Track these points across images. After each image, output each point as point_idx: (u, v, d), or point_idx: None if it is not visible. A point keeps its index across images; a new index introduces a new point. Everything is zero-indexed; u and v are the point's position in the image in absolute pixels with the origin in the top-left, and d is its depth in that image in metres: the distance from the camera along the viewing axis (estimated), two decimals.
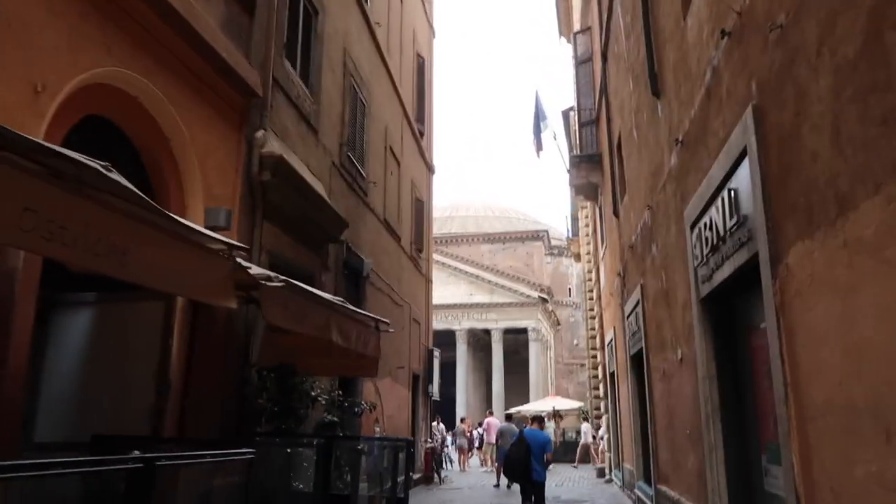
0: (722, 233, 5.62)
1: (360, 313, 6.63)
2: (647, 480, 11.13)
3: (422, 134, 17.53)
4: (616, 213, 12.92)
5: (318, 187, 9.21)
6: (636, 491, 11.77)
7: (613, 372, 15.37)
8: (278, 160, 7.29)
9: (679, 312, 7.74)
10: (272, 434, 6.98)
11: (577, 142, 17.35)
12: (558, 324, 59.20)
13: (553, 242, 62.16)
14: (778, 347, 4.37)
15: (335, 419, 9.02)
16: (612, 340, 15.44)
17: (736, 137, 5.13)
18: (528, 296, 51.58)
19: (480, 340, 53.63)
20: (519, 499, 13.88)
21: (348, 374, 8.73)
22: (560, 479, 18.14)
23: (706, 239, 6.21)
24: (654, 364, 9.67)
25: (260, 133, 7.23)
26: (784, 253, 4.27)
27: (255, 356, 6.97)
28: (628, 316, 12.14)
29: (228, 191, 6.74)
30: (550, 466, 20.80)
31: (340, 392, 9.41)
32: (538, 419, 10.40)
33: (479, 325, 51.69)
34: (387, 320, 7.20)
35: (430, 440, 17.10)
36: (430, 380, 17.20)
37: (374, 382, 12.31)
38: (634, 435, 12.04)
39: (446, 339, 50.83)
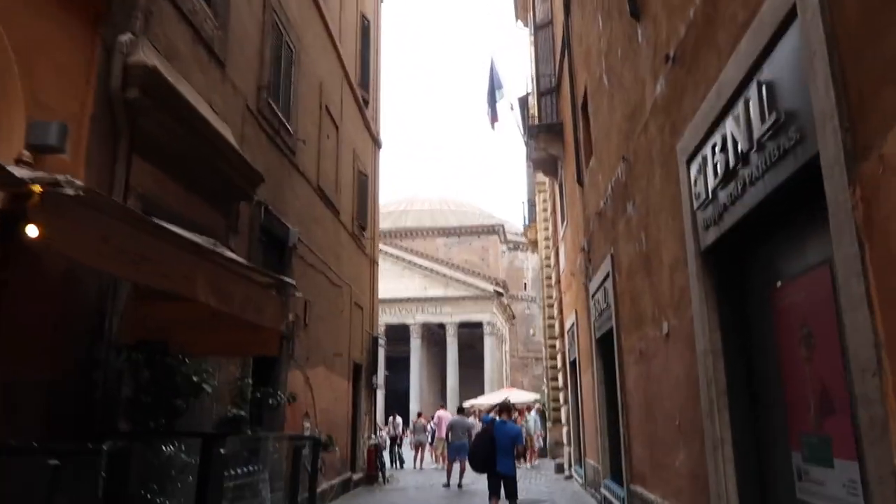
0: (745, 148, 3.99)
1: (252, 268, 4.81)
2: (617, 479, 9.56)
3: (366, 102, 15.71)
4: (580, 182, 11.34)
5: (224, 130, 7.35)
6: (602, 490, 10.21)
7: (575, 360, 13.84)
8: (151, 74, 5.42)
9: (665, 277, 6.14)
10: (138, 434, 5.14)
11: (536, 112, 15.76)
12: (513, 318, 58.01)
13: (509, 237, 61.00)
14: (861, 289, 2.75)
15: (242, 413, 7.19)
16: (573, 326, 13.90)
17: (773, 3, 3.51)
18: (484, 289, 50.26)
19: (435, 335, 52.08)
20: (468, 499, 12.28)
21: (242, 354, 6.88)
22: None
23: (714, 168, 4.60)
24: (628, 345, 8.10)
25: (126, 37, 5.36)
26: (874, 142, 2.66)
27: (115, 330, 5.09)
28: (594, 294, 10.57)
29: (72, 104, 4.85)
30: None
31: (251, 381, 7.57)
32: (506, 409, 9.17)
33: (434, 319, 50.19)
34: (292, 281, 5.40)
35: (373, 436, 15.30)
36: (374, 370, 15.40)
37: (304, 371, 10.47)
38: (600, 428, 10.48)
39: (401, 334, 49.21)
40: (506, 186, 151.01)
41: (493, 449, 8.28)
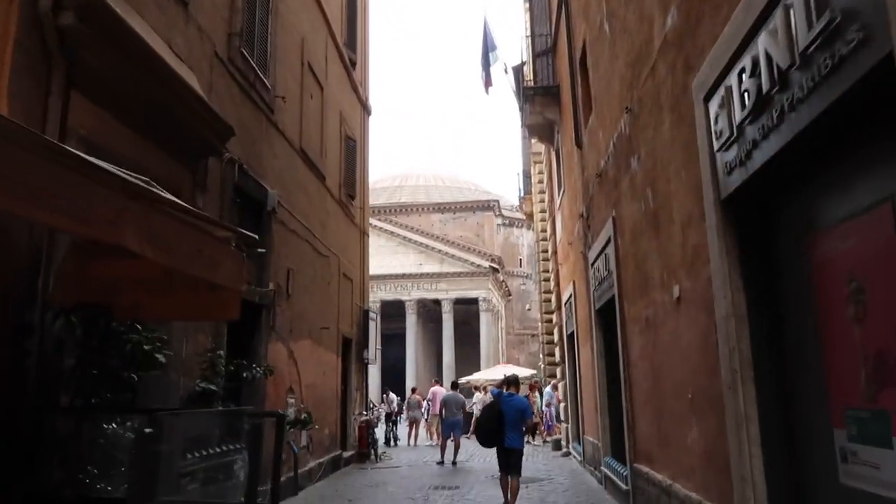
0: (785, 65, 3.30)
1: (203, 216, 4.11)
2: (619, 457, 8.99)
3: (353, 64, 14.89)
4: (578, 143, 10.62)
5: (187, 75, 6.62)
6: (603, 469, 9.64)
7: (573, 333, 13.23)
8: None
9: (676, 235, 5.47)
10: (76, 410, 4.48)
11: (532, 76, 14.98)
12: (509, 294, 57.47)
13: (504, 213, 60.22)
14: None
15: (212, 388, 6.54)
16: (570, 298, 13.28)
17: None
18: (479, 265, 49.64)
19: (431, 311, 51.52)
20: (463, 477, 11.74)
21: (199, 318, 6.14)
22: None
23: (741, 99, 3.91)
24: (632, 313, 7.46)
25: None
26: None
27: (51, 291, 4.42)
28: (594, 263, 9.91)
29: None
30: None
31: (223, 353, 6.91)
32: (513, 382, 8.70)
33: (430, 296, 49.59)
34: (254, 235, 4.71)
35: (365, 413, 14.71)
36: (365, 344, 14.77)
37: (287, 344, 9.82)
38: (600, 403, 9.88)
39: (396, 310, 48.67)
40: (501, 162, 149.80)
41: (499, 423, 7.89)
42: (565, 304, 14.36)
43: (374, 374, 46.20)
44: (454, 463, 13.37)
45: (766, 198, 4.05)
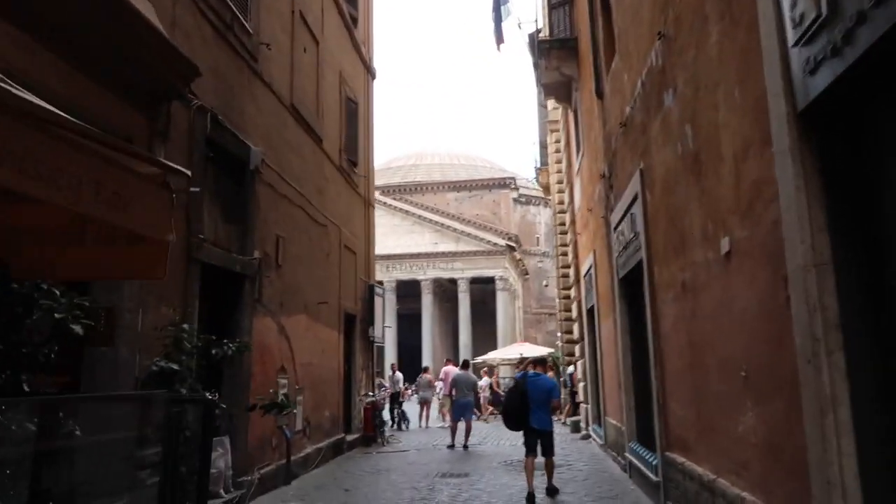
0: None
1: (106, 139, 3.08)
2: (647, 443, 7.94)
3: (354, 21, 13.75)
4: (599, 94, 9.46)
5: (142, 6, 5.58)
6: (627, 455, 8.60)
7: (593, 307, 12.15)
8: None
9: (727, 173, 4.36)
10: None
11: (548, 30, 13.75)
12: (526, 273, 56.33)
13: (521, 191, 58.88)
14: None
15: (174, 367, 5.57)
16: (590, 269, 12.18)
17: None
18: (496, 244, 48.55)
19: (447, 290, 50.62)
20: (474, 462, 10.78)
21: (115, 276, 4.96)
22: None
23: None
24: (664, 278, 6.36)
25: None
26: None
27: None
28: (616, 226, 8.80)
29: None
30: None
31: (189, 327, 5.92)
32: (540, 362, 8.67)
33: (445, 275, 48.62)
34: (187, 171, 3.68)
35: (371, 394, 13.77)
36: (370, 321, 13.80)
37: (277, 319, 8.85)
38: (624, 382, 8.81)
39: (411, 290, 47.84)
40: (517, 140, 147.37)
41: (524, 404, 7.66)
42: (584, 276, 13.26)
43: (389, 353, 45.63)
44: (465, 447, 12.41)
45: (868, 100, 2.94)
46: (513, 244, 49.52)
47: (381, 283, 45.05)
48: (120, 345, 5.35)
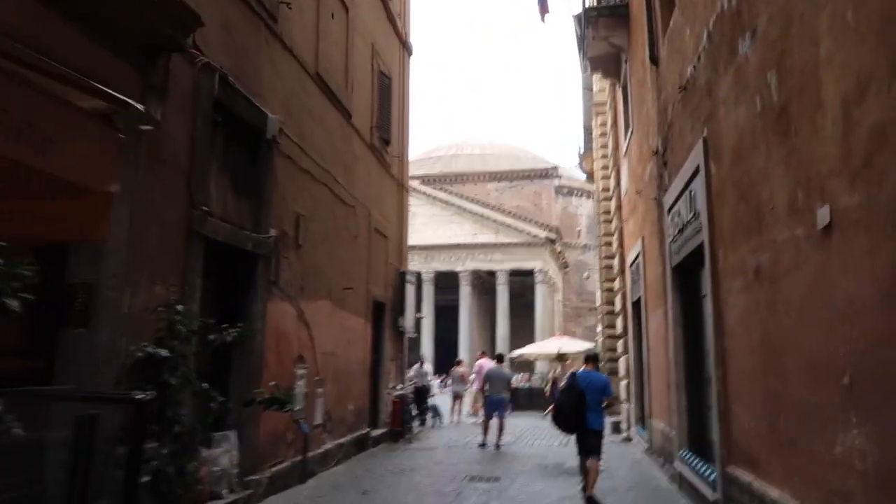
0: None
1: (44, 64, 2.31)
2: (701, 452, 7.00)
3: None
4: (654, 60, 8.48)
5: None
6: (677, 465, 7.65)
7: (640, 299, 11.16)
8: None
9: (829, 124, 3.43)
10: None
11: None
12: (566, 266, 55.04)
13: (563, 182, 57.51)
14: None
15: (162, 353, 4.89)
16: (637, 258, 11.19)
17: None
18: (535, 236, 47.41)
19: (485, 283, 49.74)
20: (507, 464, 9.96)
21: (50, 237, 4.08)
22: (562, 435, 14.10)
23: None
24: (730, 264, 5.41)
25: None
26: None
27: None
28: (671, 207, 7.83)
29: None
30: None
31: (180, 308, 5.22)
32: (593, 358, 8.08)
33: (484, 267, 47.72)
34: (139, 105, 2.92)
35: (400, 386, 13.04)
36: (401, 311, 13.05)
37: (296, 304, 8.15)
38: (677, 381, 7.85)
39: (449, 282, 47.10)
40: (560, 131, 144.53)
41: (581, 405, 7.19)
42: (630, 266, 12.26)
43: (426, 345, 45.01)
44: (497, 446, 11.58)
45: None
46: (553, 236, 48.29)
47: (417, 273, 44.54)
48: (101, 326, 4.67)
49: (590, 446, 7.23)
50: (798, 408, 4.04)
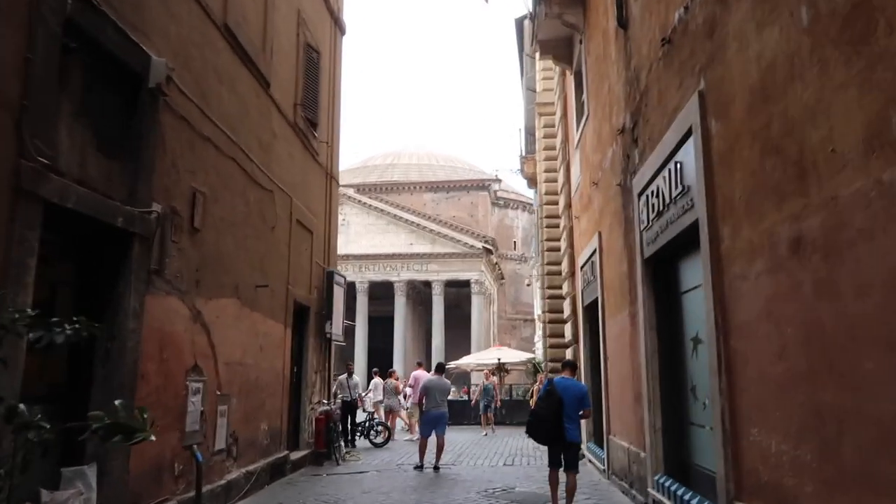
0: None
1: None
2: (685, 479, 5.74)
3: None
4: (623, 22, 7.28)
5: None
6: (653, 492, 6.34)
7: (595, 302, 9.95)
8: None
9: None
10: None
11: None
12: (502, 277, 54.36)
13: (499, 194, 56.91)
14: None
15: None
16: (591, 257, 10.00)
17: None
18: (472, 246, 46.47)
19: (421, 293, 48.41)
20: (447, 491, 8.52)
21: None
22: (508, 451, 12.79)
23: None
24: (744, 242, 4.14)
25: None
26: None
27: None
28: (644, 189, 6.60)
29: None
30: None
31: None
32: (570, 365, 7.52)
33: (420, 277, 46.42)
34: None
35: (325, 402, 11.38)
36: (328, 315, 11.43)
37: (190, 301, 6.48)
38: (649, 395, 6.57)
39: (385, 292, 45.52)
40: (498, 144, 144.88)
41: (560, 414, 6.75)
42: (583, 267, 11.06)
43: (360, 357, 43.11)
44: (436, 468, 10.10)
45: None
46: (490, 247, 47.44)
47: (351, 282, 42.77)
48: None
49: (568, 459, 6.84)
50: (880, 428, 2.76)
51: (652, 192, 6.29)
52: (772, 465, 3.81)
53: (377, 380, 16.67)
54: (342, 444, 11.43)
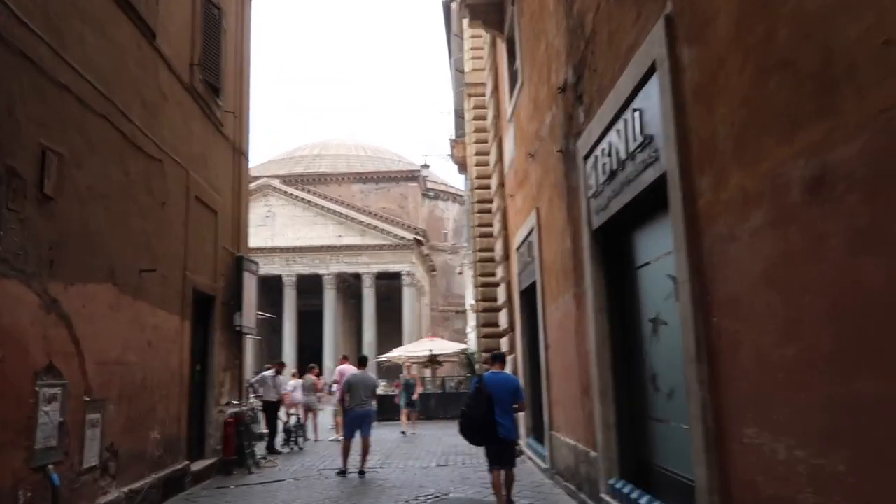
0: None
1: None
2: (642, 484, 4.86)
3: None
4: None
5: None
6: (608, 498, 5.45)
7: (531, 287, 9.07)
8: None
9: None
10: None
11: None
12: (434, 269, 53.42)
13: (429, 185, 55.90)
14: None
15: None
16: (529, 236, 9.11)
17: None
18: (403, 238, 45.37)
19: (351, 286, 46.89)
20: (373, 500, 7.47)
21: None
22: (441, 450, 11.82)
23: None
24: (736, 188, 3.24)
25: None
26: None
27: None
28: (592, 150, 5.68)
29: None
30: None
31: None
32: (499, 358, 7.00)
33: (350, 269, 45.02)
34: None
35: (235, 403, 10.05)
36: (238, 305, 10.10)
37: (42, 286, 5.13)
38: (599, 386, 5.67)
39: (313, 286, 43.81)
40: (427, 134, 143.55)
41: (490, 411, 6.33)
42: (518, 249, 10.16)
43: (289, 354, 41.29)
44: (361, 473, 8.98)
45: None
46: (420, 238, 46.43)
47: (277, 276, 40.55)
48: None
49: (504, 459, 6.40)
50: None
51: (602, 152, 5.37)
52: (779, 476, 2.91)
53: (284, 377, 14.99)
54: (255, 449, 10.12)
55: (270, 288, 44.37)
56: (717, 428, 3.51)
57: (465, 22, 17.59)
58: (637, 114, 4.55)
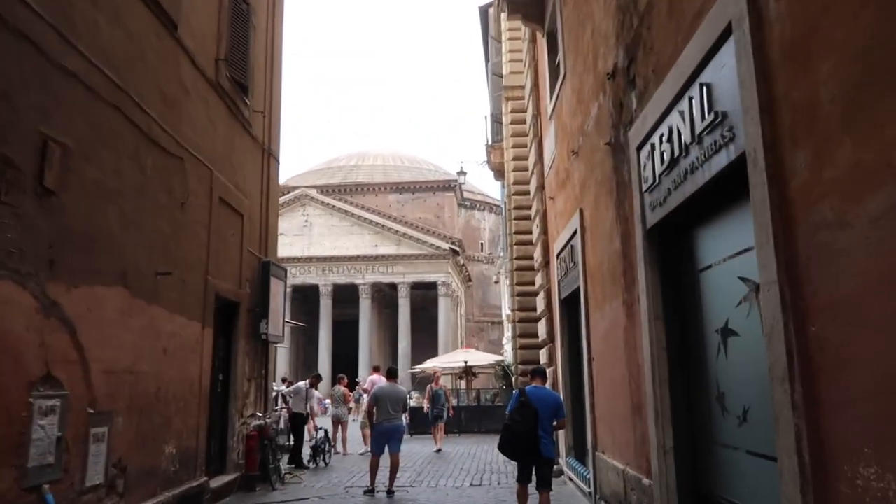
0: None
1: None
2: None
3: None
4: None
5: None
6: None
7: (573, 295, 8.38)
8: None
9: None
10: None
11: None
12: (469, 279, 52.77)
13: (465, 195, 55.37)
14: None
15: None
16: (571, 240, 8.43)
17: None
18: (438, 247, 44.86)
19: (386, 296, 46.56)
20: None
21: None
22: (475, 467, 11.12)
23: None
24: (827, 177, 2.55)
25: None
26: None
27: None
28: (647, 138, 5.02)
29: None
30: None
31: None
32: (540, 373, 6.75)
33: (385, 279, 44.65)
34: None
35: (259, 414, 9.56)
36: (264, 313, 9.64)
37: (40, 287, 4.68)
38: (657, 403, 4.97)
39: (349, 295, 43.60)
40: (464, 145, 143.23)
41: (535, 426, 6.06)
42: (559, 255, 9.48)
43: (324, 363, 41.08)
44: (390, 493, 8.38)
45: None
46: (456, 248, 45.84)
47: (315, 285, 40.44)
48: None
49: (542, 477, 6.29)
50: None
51: (661, 138, 4.71)
52: None
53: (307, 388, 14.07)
54: (280, 464, 9.59)
55: (307, 297, 44.33)
56: (816, 464, 2.81)
57: (504, 24, 17.14)
58: (705, 89, 3.88)
